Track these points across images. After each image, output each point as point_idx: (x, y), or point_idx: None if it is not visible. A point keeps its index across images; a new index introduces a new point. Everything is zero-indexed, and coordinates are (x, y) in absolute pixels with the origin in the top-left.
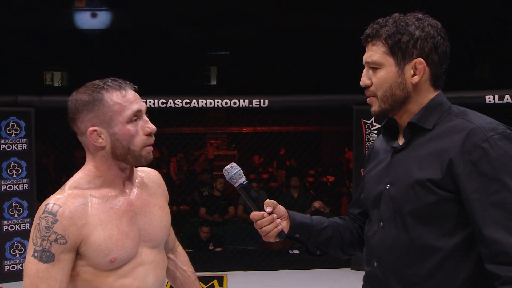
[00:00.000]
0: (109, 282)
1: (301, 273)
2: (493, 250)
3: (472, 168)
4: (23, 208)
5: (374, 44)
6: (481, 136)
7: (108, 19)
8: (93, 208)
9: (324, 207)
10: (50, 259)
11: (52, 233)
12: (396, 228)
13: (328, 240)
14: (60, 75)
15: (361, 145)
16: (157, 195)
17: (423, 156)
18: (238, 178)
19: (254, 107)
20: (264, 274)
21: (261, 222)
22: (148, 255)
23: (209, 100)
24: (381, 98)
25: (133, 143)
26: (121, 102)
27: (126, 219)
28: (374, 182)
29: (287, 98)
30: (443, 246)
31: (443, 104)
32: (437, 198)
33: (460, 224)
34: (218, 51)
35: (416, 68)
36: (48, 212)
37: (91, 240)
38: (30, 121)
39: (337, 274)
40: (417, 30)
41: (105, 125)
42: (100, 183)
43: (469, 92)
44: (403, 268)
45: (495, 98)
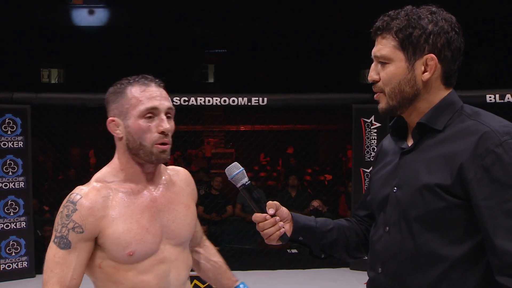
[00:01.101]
0: (129, 277)
1: (300, 273)
2: (504, 262)
3: (483, 174)
4: (19, 207)
5: (384, 38)
6: (495, 140)
7: (105, 16)
8: (114, 201)
9: (322, 206)
10: (67, 246)
11: (71, 221)
12: (402, 233)
13: (333, 243)
14: (57, 72)
15: (361, 144)
16: (183, 194)
17: (432, 159)
18: (240, 178)
19: (253, 105)
20: (262, 273)
21: (263, 224)
22: (170, 253)
23: (207, 98)
24: (389, 95)
25: (144, 138)
26: (138, 96)
27: (147, 215)
28: (381, 184)
29: (286, 96)
30: (450, 255)
31: (455, 103)
32: (446, 204)
33: (469, 232)
34: (216, 49)
35: (427, 64)
36: (70, 201)
37: (110, 232)
38: (26, 118)
39: (336, 274)
40: (430, 24)
41: (122, 117)
42: (124, 177)
43: (470, 91)
44: (407, 275)
45: (496, 97)
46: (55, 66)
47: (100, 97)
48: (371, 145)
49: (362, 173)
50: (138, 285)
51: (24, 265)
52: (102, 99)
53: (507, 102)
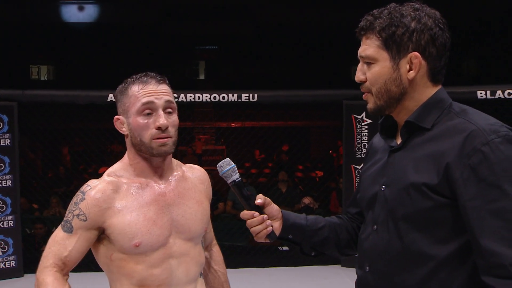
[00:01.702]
0: (139, 270)
1: (291, 270)
2: (490, 262)
3: (470, 173)
4: (6, 205)
5: (368, 38)
6: (482, 139)
7: (95, 13)
8: (122, 194)
9: (313, 203)
10: (69, 230)
11: (77, 209)
12: (389, 232)
13: (324, 240)
14: (46, 69)
15: (352, 141)
16: (196, 190)
17: (420, 158)
18: (231, 174)
19: (243, 101)
20: (253, 271)
21: (251, 222)
22: (181, 247)
23: (197, 95)
24: (375, 95)
25: (143, 135)
26: (136, 94)
27: (155, 208)
28: (370, 182)
29: (277, 92)
30: (437, 254)
31: (444, 101)
32: (432, 204)
33: (456, 231)
34: (207, 45)
35: (412, 62)
36: (81, 191)
37: (115, 223)
38: (13, 115)
39: (327, 271)
40: (412, 22)
41: (125, 115)
42: (133, 171)
43: (461, 87)
44: (394, 274)
45: (487, 94)
46: (44, 63)
47: (89, 94)
48: (362, 142)
49: (353, 169)
50: (147, 279)
51: (12, 265)
52: (91, 96)
53: (497, 98)
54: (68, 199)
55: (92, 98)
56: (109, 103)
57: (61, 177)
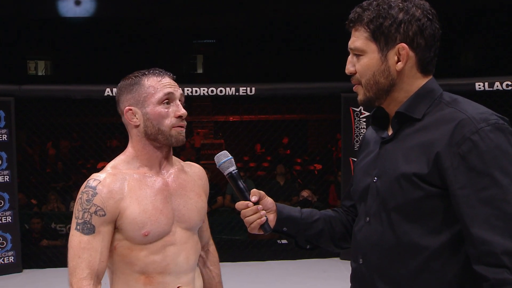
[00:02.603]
0: (141, 257)
1: (290, 263)
2: (481, 251)
3: (460, 162)
4: (4, 201)
5: (357, 30)
6: (471, 127)
7: (92, 7)
8: (130, 185)
9: (312, 196)
10: (91, 231)
11: (92, 205)
12: (382, 224)
13: (319, 233)
14: (44, 64)
15: (350, 133)
16: (194, 184)
17: (410, 148)
18: (228, 166)
19: (241, 95)
20: (252, 264)
21: (245, 212)
22: (181, 236)
23: (195, 88)
24: (365, 86)
25: (163, 123)
26: (155, 85)
27: (160, 197)
28: (362, 174)
29: (274, 86)
30: (429, 245)
31: (434, 91)
32: (423, 194)
33: (447, 221)
34: (204, 39)
35: (400, 53)
36: (89, 186)
37: (127, 213)
38: (9, 111)
39: (326, 264)
40: (400, 13)
41: (140, 105)
42: (138, 163)
43: (459, 79)
44: (388, 266)
45: (485, 85)
46: (41, 58)
47: (86, 89)
48: (360, 134)
49: (351, 162)
50: (149, 266)
51: (10, 260)
52: (87, 91)
53: (495, 90)
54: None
55: (89, 93)
56: (106, 98)
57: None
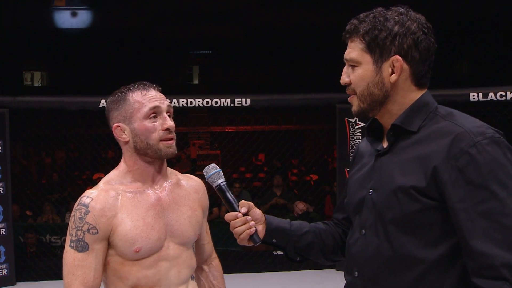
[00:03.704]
0: (133, 272)
1: (285, 275)
2: (480, 263)
3: (458, 176)
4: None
5: (353, 41)
6: (469, 141)
7: (88, 18)
8: (122, 201)
9: (308, 207)
10: (85, 248)
11: (85, 223)
12: (378, 236)
13: (309, 246)
14: (40, 75)
15: (345, 144)
16: (189, 198)
17: (407, 161)
18: (216, 178)
19: (236, 106)
20: (247, 276)
21: (234, 222)
22: (174, 251)
23: (190, 100)
24: (359, 97)
25: (150, 137)
26: (140, 100)
27: (152, 213)
28: (357, 186)
29: (269, 97)
30: (426, 257)
31: (429, 104)
32: (421, 206)
33: (445, 234)
34: (201, 50)
35: (394, 66)
36: (81, 204)
37: (119, 229)
38: (4, 122)
39: (322, 276)
40: (396, 26)
41: (127, 122)
42: (130, 178)
43: (453, 89)
44: (384, 279)
45: (479, 96)
46: (38, 69)
47: (80, 100)
48: (356, 145)
49: (346, 173)
50: (141, 280)
51: (4, 273)
52: (82, 102)
53: (490, 101)
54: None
55: (84, 104)
56: (102, 109)
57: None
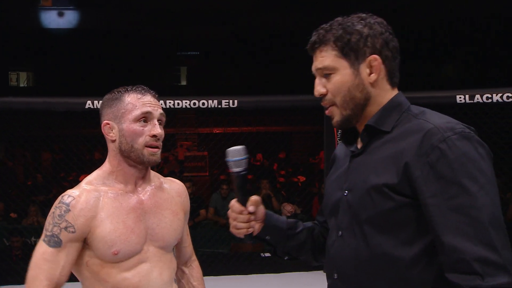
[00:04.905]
0: (113, 274)
1: (273, 277)
2: (453, 258)
3: (429, 171)
4: None
5: (323, 50)
6: (439, 136)
7: (75, 19)
8: (103, 202)
9: (296, 208)
10: (57, 245)
11: (64, 221)
12: (355, 237)
13: (301, 245)
14: (25, 76)
15: (332, 146)
16: (172, 201)
17: (380, 160)
18: (241, 165)
19: (223, 107)
20: (235, 278)
21: (236, 216)
22: (154, 254)
23: (177, 101)
24: (341, 105)
25: (136, 141)
26: (134, 102)
27: (133, 216)
28: (333, 188)
29: (257, 98)
30: (403, 255)
31: (402, 104)
32: (395, 204)
33: (420, 231)
34: (188, 51)
35: (372, 65)
36: (62, 202)
37: (98, 231)
38: None
39: (310, 277)
40: (365, 28)
41: (117, 121)
42: (113, 179)
43: (440, 92)
44: (363, 279)
45: (466, 98)
46: (23, 69)
47: (66, 101)
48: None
49: None
50: (121, 283)
51: None
52: (68, 103)
53: (476, 103)
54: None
55: (70, 105)
56: (88, 110)
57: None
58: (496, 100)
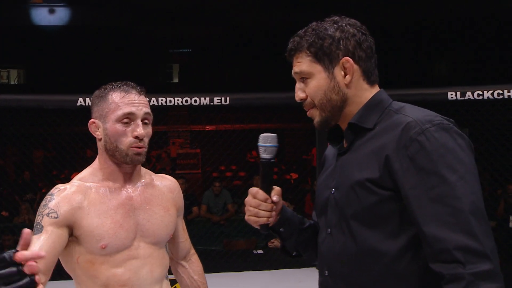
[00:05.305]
0: (103, 270)
1: (266, 274)
2: (435, 248)
3: (409, 163)
4: None
5: (298, 57)
6: (417, 129)
7: (66, 16)
8: (91, 197)
9: (288, 205)
10: (39, 231)
11: (46, 208)
12: (343, 233)
13: (307, 241)
14: (16, 73)
15: (325, 143)
16: (163, 197)
17: (363, 156)
18: (271, 152)
19: (215, 105)
20: (228, 275)
21: (259, 203)
22: (145, 250)
23: (169, 98)
24: (319, 107)
25: (120, 141)
26: (117, 102)
27: (121, 211)
28: (322, 188)
29: (249, 95)
30: (389, 249)
31: (384, 101)
32: (378, 198)
33: (404, 224)
34: (180, 48)
35: (345, 67)
36: (49, 194)
37: (85, 225)
38: None
39: (302, 274)
40: (337, 32)
41: (102, 120)
42: (102, 176)
43: (431, 89)
44: (352, 274)
45: (457, 95)
46: (14, 67)
47: (58, 99)
48: None
49: None
50: (111, 279)
51: None
52: (60, 101)
53: (467, 100)
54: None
55: (62, 103)
56: (80, 107)
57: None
58: (487, 97)
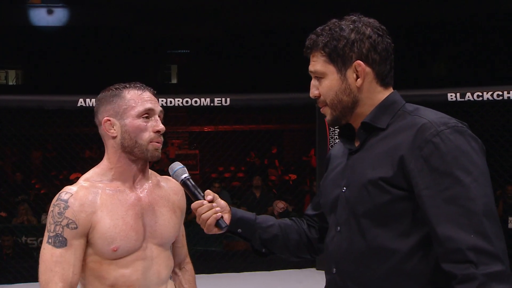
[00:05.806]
0: (110, 271)
1: (266, 275)
2: (447, 248)
3: (423, 164)
4: None
5: (314, 55)
6: (432, 130)
7: (65, 16)
8: (102, 199)
9: (288, 206)
10: (63, 244)
11: (64, 218)
12: (352, 231)
13: (273, 238)
14: (14, 74)
15: (325, 144)
16: (169, 199)
17: (376, 155)
18: (181, 173)
19: (216, 105)
20: (227, 276)
21: (201, 209)
22: (152, 251)
23: (169, 99)
24: (330, 106)
25: (141, 136)
26: (136, 98)
27: (132, 212)
28: (331, 186)
29: (249, 96)
30: (400, 248)
31: (397, 102)
32: (390, 197)
33: (416, 223)
34: (179, 49)
35: (357, 71)
36: (61, 199)
37: (98, 227)
38: None
39: (302, 275)
40: (352, 33)
41: (118, 117)
42: (112, 176)
43: (431, 90)
44: (361, 273)
45: (457, 96)
46: (12, 67)
47: (58, 99)
48: (335, 144)
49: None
50: (119, 280)
51: None
52: (60, 101)
53: (467, 101)
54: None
55: (62, 103)
56: (79, 108)
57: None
58: (486, 98)
